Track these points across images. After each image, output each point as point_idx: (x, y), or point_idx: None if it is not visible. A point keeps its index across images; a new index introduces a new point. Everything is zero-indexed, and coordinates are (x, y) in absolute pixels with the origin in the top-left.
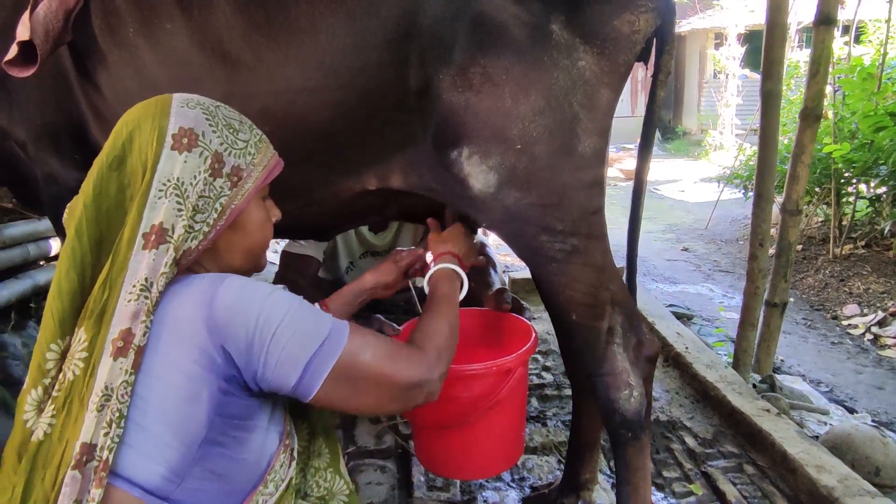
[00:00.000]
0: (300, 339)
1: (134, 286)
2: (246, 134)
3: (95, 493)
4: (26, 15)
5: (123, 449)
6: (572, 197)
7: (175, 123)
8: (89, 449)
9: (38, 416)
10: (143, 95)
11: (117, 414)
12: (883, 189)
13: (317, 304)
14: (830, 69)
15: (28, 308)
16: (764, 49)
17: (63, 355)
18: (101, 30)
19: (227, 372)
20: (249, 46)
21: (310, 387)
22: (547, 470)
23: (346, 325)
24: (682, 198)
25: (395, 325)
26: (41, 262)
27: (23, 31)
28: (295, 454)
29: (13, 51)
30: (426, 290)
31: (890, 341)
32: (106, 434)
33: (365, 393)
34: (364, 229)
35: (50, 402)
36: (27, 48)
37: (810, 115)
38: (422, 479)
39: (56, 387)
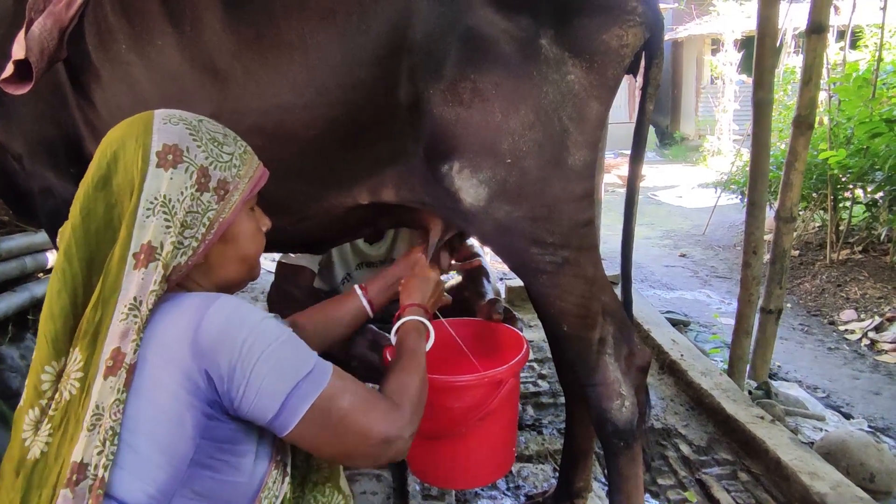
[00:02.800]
0: (282, 371)
1: (125, 306)
2: (231, 146)
3: None
4: (21, 34)
5: (113, 469)
6: (563, 210)
7: (158, 140)
8: (81, 468)
9: (35, 435)
10: (136, 111)
11: (110, 432)
12: (879, 194)
13: (357, 287)
14: (826, 76)
15: (26, 320)
16: (755, 59)
17: (59, 376)
18: (95, 46)
19: (210, 396)
20: (240, 63)
21: (287, 422)
22: (542, 478)
23: (330, 366)
24: (679, 203)
25: (388, 335)
26: (38, 275)
27: (18, 50)
28: (288, 469)
29: (9, 69)
30: (393, 340)
31: (887, 346)
32: (100, 452)
33: (337, 439)
34: (359, 240)
35: (46, 421)
36: (23, 66)
37: (803, 122)
38: (417, 488)
39: (52, 406)
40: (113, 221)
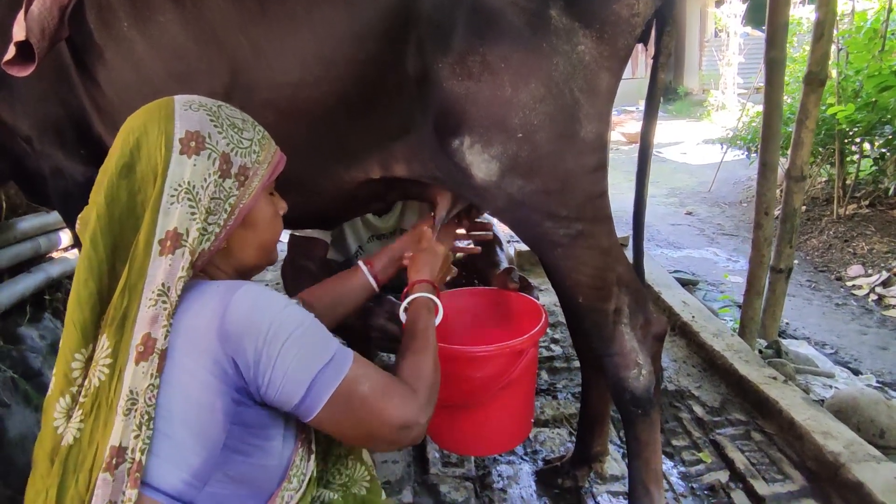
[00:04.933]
0: (306, 357)
1: (153, 292)
2: (250, 132)
3: (131, 493)
4: (21, 14)
5: (148, 457)
6: (576, 183)
7: (181, 127)
8: (120, 452)
9: (67, 422)
10: (142, 90)
11: (146, 417)
12: (887, 149)
13: (360, 261)
14: (835, 31)
15: (42, 301)
16: (767, 15)
17: (87, 362)
18: (97, 25)
19: (238, 383)
20: (246, 38)
21: (312, 407)
22: (559, 442)
23: (350, 352)
24: (684, 160)
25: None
26: (53, 255)
27: (19, 31)
28: (313, 447)
29: (11, 51)
30: (402, 318)
31: (894, 301)
32: (136, 437)
33: (358, 424)
34: (368, 214)
35: (77, 407)
36: (25, 47)
37: (814, 79)
38: (437, 455)
39: (83, 393)
40: (136, 209)
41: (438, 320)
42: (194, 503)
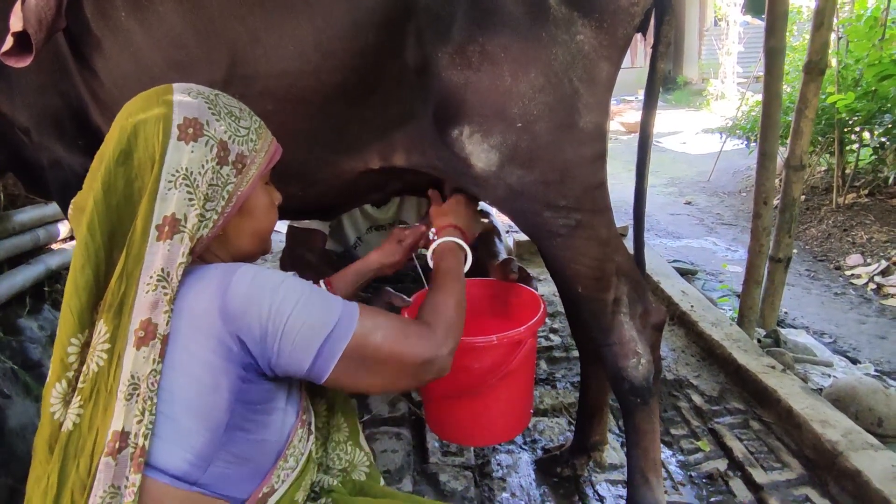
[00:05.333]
0: (312, 325)
1: (151, 277)
2: (247, 121)
3: (134, 478)
4: (18, 5)
5: (152, 439)
6: (575, 173)
7: (179, 114)
8: (123, 437)
9: (65, 408)
10: (141, 80)
11: (148, 402)
12: (886, 138)
13: (321, 282)
14: (835, 19)
15: (42, 292)
16: (767, 4)
17: (84, 348)
18: (94, 15)
19: (245, 360)
20: (245, 28)
21: (322, 370)
22: (558, 431)
23: (356, 308)
24: (683, 150)
25: (404, 296)
26: (52, 246)
27: (16, 22)
28: (312, 428)
29: (8, 42)
30: (430, 263)
31: (893, 290)
32: (139, 422)
33: (376, 372)
34: (366, 204)
35: (76, 393)
36: (22, 38)
37: (814, 68)
38: (436, 445)
39: (81, 378)
40: (133, 196)
41: (468, 266)
42: (199, 482)
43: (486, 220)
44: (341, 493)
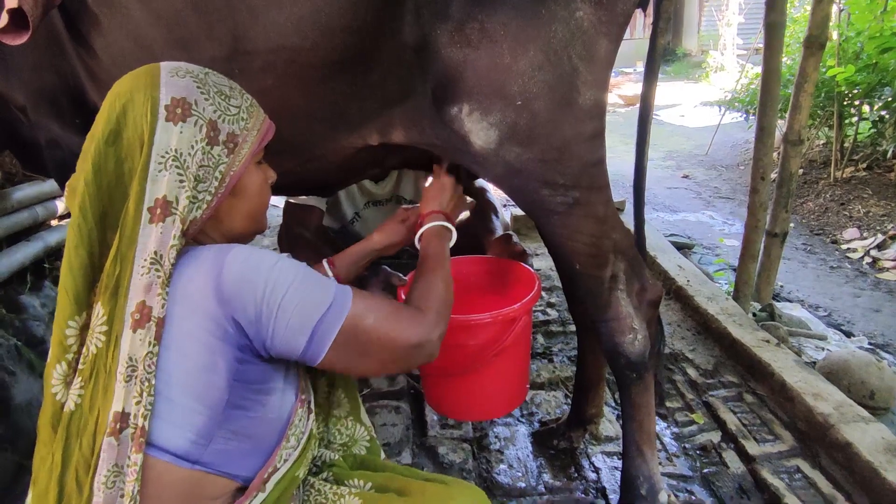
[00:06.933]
0: (305, 307)
1: (145, 260)
2: (237, 99)
3: (136, 457)
4: None
5: (153, 419)
6: (573, 151)
7: (167, 94)
8: (123, 417)
9: (66, 389)
10: (140, 57)
11: (146, 384)
12: (886, 111)
13: (325, 261)
14: None
15: (42, 269)
16: None
17: (83, 329)
18: None
19: (240, 341)
20: (244, 3)
21: (317, 352)
22: (554, 405)
23: (350, 291)
24: (682, 123)
25: (400, 274)
26: (51, 223)
27: None
28: (312, 407)
29: (3, 19)
30: (418, 248)
31: (888, 264)
32: (138, 403)
33: (369, 356)
34: (364, 180)
35: (77, 374)
36: (18, 15)
37: (814, 42)
38: (435, 418)
39: (81, 360)
40: (124, 176)
41: (452, 242)
42: (200, 460)
43: (471, 201)
44: (342, 467)
